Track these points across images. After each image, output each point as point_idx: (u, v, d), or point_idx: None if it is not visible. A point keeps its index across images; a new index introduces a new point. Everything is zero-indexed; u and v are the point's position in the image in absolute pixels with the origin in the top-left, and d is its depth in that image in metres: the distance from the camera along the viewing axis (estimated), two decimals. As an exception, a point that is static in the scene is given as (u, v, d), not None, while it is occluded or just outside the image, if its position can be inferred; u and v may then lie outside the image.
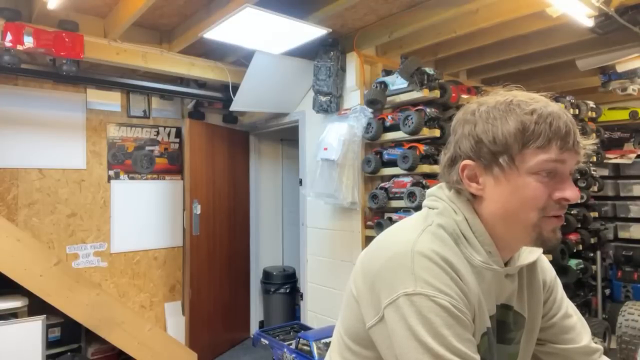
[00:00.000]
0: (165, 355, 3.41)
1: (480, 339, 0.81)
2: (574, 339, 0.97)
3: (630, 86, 3.55)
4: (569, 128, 0.76)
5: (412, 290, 0.74)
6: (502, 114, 0.79)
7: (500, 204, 0.81)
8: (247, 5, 2.40)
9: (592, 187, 3.82)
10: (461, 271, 0.78)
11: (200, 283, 4.02)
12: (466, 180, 0.84)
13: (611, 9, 2.42)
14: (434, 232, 0.82)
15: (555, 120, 0.76)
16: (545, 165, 0.76)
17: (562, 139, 0.76)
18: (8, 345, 2.76)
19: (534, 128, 0.76)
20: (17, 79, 3.50)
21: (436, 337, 0.72)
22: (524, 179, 0.78)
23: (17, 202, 3.54)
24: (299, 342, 2.99)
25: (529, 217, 0.79)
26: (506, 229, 0.83)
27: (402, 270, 0.76)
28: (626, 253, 4.33)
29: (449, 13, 2.69)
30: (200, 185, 4.07)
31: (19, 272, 2.80)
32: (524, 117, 0.77)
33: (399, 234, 0.85)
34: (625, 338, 3.03)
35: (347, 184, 3.17)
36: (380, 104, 3.10)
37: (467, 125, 0.83)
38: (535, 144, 0.76)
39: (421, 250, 0.77)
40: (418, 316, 0.73)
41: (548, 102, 0.79)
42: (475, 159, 0.82)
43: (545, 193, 0.77)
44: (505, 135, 0.78)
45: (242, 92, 3.58)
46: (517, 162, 0.78)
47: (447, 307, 0.73)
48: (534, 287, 0.95)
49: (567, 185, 0.78)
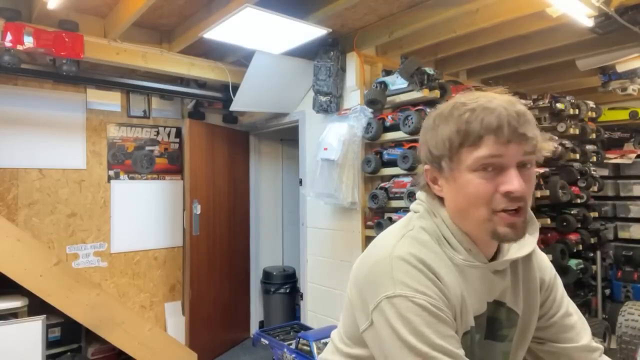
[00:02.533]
0: (165, 355, 3.40)
1: (462, 337, 0.83)
2: (574, 338, 0.97)
3: (630, 86, 3.55)
4: (501, 121, 0.76)
5: (392, 293, 0.78)
6: (443, 119, 0.83)
7: (453, 202, 0.86)
8: (247, 5, 2.40)
9: (592, 187, 3.82)
10: (440, 272, 0.81)
11: (200, 283, 4.02)
12: (430, 183, 0.90)
13: (611, 9, 2.42)
14: (413, 236, 0.86)
15: (487, 116, 0.77)
16: (482, 162, 0.78)
17: (494, 133, 0.77)
18: (8, 345, 2.76)
19: (465, 128, 0.78)
20: (17, 79, 3.50)
21: (417, 336, 0.75)
22: (465, 177, 0.81)
23: (17, 202, 3.54)
24: (299, 342, 2.99)
25: (479, 214, 0.81)
26: (465, 226, 0.85)
27: (382, 275, 0.81)
28: (626, 253, 4.33)
29: (449, 13, 2.69)
30: (200, 185, 4.07)
31: (19, 272, 2.79)
32: (458, 119, 0.80)
33: (382, 242, 0.89)
34: (625, 338, 3.03)
35: (347, 184, 3.17)
36: (380, 104, 3.10)
37: (423, 133, 0.89)
38: (468, 142, 0.79)
39: (399, 255, 0.81)
40: (399, 317, 0.76)
41: (492, 98, 0.80)
42: (430, 164, 0.88)
43: (489, 188, 0.79)
44: (443, 139, 0.82)
45: (242, 92, 3.58)
46: (456, 162, 0.81)
47: (425, 306, 0.76)
48: (530, 285, 0.95)
49: (510, 178, 0.78)
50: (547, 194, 3.16)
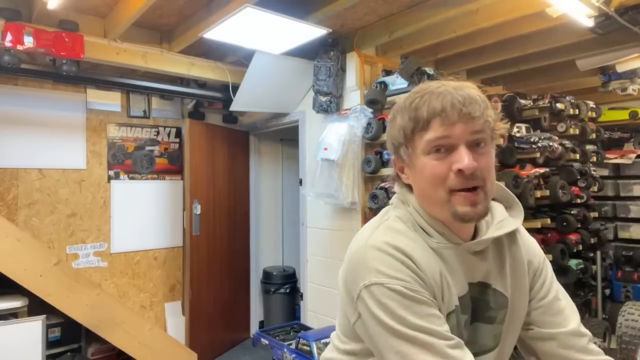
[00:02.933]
0: (165, 355, 3.40)
1: (447, 317, 0.84)
2: (562, 323, 0.96)
3: (630, 86, 3.55)
4: (445, 104, 0.81)
5: (368, 282, 0.81)
6: (399, 111, 0.88)
7: (417, 187, 0.90)
8: (247, 5, 2.40)
9: (592, 187, 3.82)
10: (414, 256, 0.83)
11: (200, 283, 4.02)
12: (399, 172, 0.95)
13: (611, 9, 2.43)
14: (388, 226, 0.89)
15: (433, 101, 0.82)
16: (432, 144, 0.83)
17: (439, 116, 0.81)
18: (8, 345, 2.76)
19: (415, 114, 0.84)
20: (17, 79, 3.50)
21: (396, 319, 0.78)
22: (421, 161, 0.85)
23: (17, 202, 3.54)
24: (299, 342, 2.99)
25: (438, 195, 0.84)
26: (431, 209, 0.89)
27: (359, 265, 0.84)
28: (626, 253, 4.33)
29: (449, 13, 2.69)
30: (200, 185, 4.07)
31: (19, 272, 2.79)
32: (409, 107, 0.85)
33: (359, 235, 0.92)
34: (625, 338, 3.03)
35: (347, 184, 3.17)
36: (380, 104, 3.10)
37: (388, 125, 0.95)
38: (418, 127, 0.84)
39: (373, 244, 0.85)
40: (377, 304, 0.80)
41: (440, 85, 0.84)
42: (394, 154, 0.94)
43: (442, 168, 0.83)
44: (399, 129, 0.88)
45: (242, 92, 3.58)
46: (411, 148, 0.87)
47: (400, 290, 0.79)
48: (517, 266, 0.96)
49: (460, 157, 0.81)
50: (547, 194, 3.16)
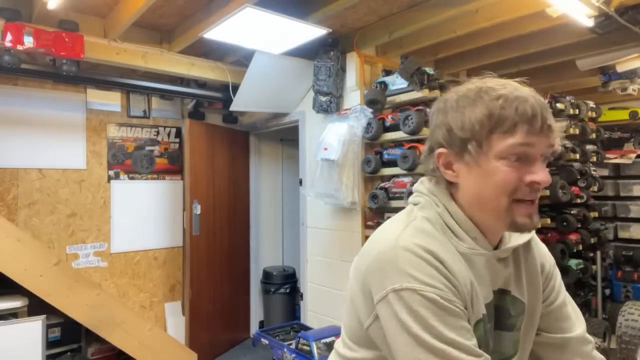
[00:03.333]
0: (165, 355, 3.40)
1: (475, 326, 0.81)
2: (569, 328, 0.96)
3: (630, 86, 3.55)
4: (535, 111, 0.77)
5: (399, 286, 0.76)
6: (471, 101, 0.80)
7: (473, 190, 0.83)
8: (247, 5, 2.40)
9: (592, 187, 3.82)
10: (447, 261, 0.79)
11: (200, 283, 4.02)
12: (442, 168, 0.86)
13: (611, 9, 2.42)
14: (416, 226, 0.83)
15: (522, 104, 0.76)
16: (513, 150, 0.77)
17: (528, 123, 0.76)
18: (8, 345, 2.76)
19: (500, 113, 0.77)
20: (17, 79, 3.50)
21: (427, 329, 0.73)
22: (493, 164, 0.79)
23: (17, 202, 3.54)
24: (299, 342, 2.99)
25: (500, 202, 0.80)
26: (482, 215, 0.84)
27: (388, 266, 0.78)
28: (626, 253, 4.33)
29: (449, 13, 2.69)
30: (200, 185, 4.07)
31: (19, 272, 2.79)
32: (490, 103, 0.78)
33: (384, 233, 0.86)
34: (625, 338, 3.03)
35: (347, 184, 3.17)
36: (380, 104, 3.10)
37: (439, 114, 0.85)
38: (502, 128, 0.77)
39: (404, 245, 0.79)
40: (408, 310, 0.75)
41: (517, 87, 0.80)
42: (448, 147, 0.84)
43: (515, 177, 0.78)
44: (472, 121, 0.79)
45: (242, 92, 3.58)
46: (485, 147, 0.79)
47: (434, 298, 0.74)
48: (532, 272, 0.95)
49: (538, 169, 0.78)
50: (547, 194, 3.16)
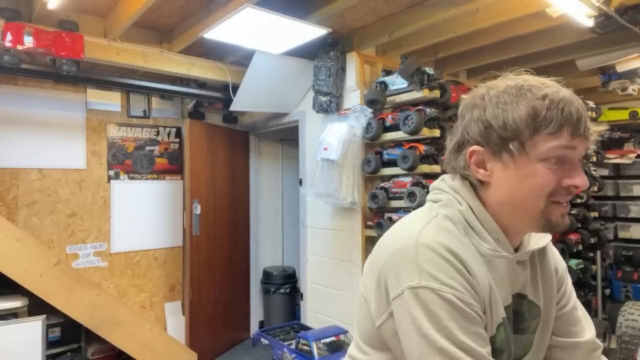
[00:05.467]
0: (165, 355, 3.40)
1: (497, 330, 0.79)
2: (579, 333, 0.96)
3: (630, 86, 3.55)
4: (580, 114, 0.75)
5: (416, 284, 0.73)
6: (513, 98, 0.77)
7: (508, 190, 0.80)
8: (247, 5, 2.40)
9: (592, 187, 3.82)
10: (468, 262, 0.76)
11: (200, 283, 4.02)
12: (473, 167, 0.82)
13: (611, 9, 2.42)
14: (439, 224, 0.80)
15: (567, 106, 0.75)
16: (556, 152, 0.75)
17: (573, 125, 0.75)
18: (8, 345, 2.76)
19: (546, 114, 0.74)
20: (17, 79, 3.50)
21: (441, 331, 0.71)
22: (533, 166, 0.76)
23: (17, 202, 3.54)
24: (299, 342, 2.99)
25: (536, 204, 0.78)
26: (513, 216, 0.81)
27: (406, 263, 0.76)
28: (626, 253, 4.34)
29: (449, 13, 2.69)
30: (200, 185, 4.07)
31: (19, 272, 2.79)
32: (535, 102, 0.75)
33: (404, 229, 0.84)
34: (625, 338, 3.03)
35: (347, 184, 3.17)
36: (380, 104, 3.10)
37: (476, 109, 0.81)
38: (547, 130, 0.75)
39: (425, 243, 0.76)
40: (423, 310, 0.72)
41: (560, 87, 0.78)
42: (484, 145, 0.80)
43: (554, 180, 0.76)
44: (516, 120, 0.76)
45: (242, 92, 3.58)
46: (527, 148, 0.76)
47: (452, 300, 0.72)
48: (547, 276, 0.93)
49: (577, 173, 0.77)
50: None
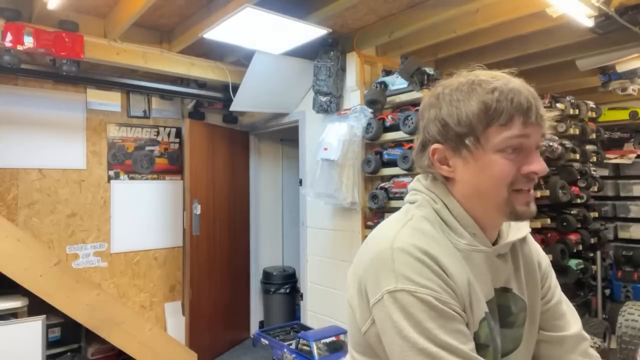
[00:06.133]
0: (165, 355, 3.40)
1: (479, 325, 0.81)
2: (565, 326, 0.97)
3: (630, 86, 3.55)
4: (530, 103, 0.77)
5: (394, 287, 0.75)
6: (465, 95, 0.80)
7: (471, 183, 0.82)
8: (247, 5, 2.40)
9: (592, 187, 3.82)
10: (444, 262, 0.78)
11: (200, 283, 4.02)
12: (437, 164, 0.85)
13: (611, 9, 2.42)
14: (413, 226, 0.82)
15: (517, 96, 0.77)
16: (511, 142, 0.77)
17: (524, 114, 0.77)
18: (8, 345, 2.76)
19: (496, 106, 0.77)
20: (17, 79, 3.50)
21: (421, 332, 0.72)
22: (490, 158, 0.79)
23: (17, 202, 3.54)
24: (299, 342, 2.99)
25: (499, 194, 0.80)
26: (480, 208, 0.83)
27: (383, 268, 0.77)
28: (626, 253, 4.34)
29: (449, 13, 2.69)
30: (200, 185, 4.07)
31: (19, 272, 2.79)
32: (485, 96, 0.78)
33: (380, 234, 0.85)
34: (625, 338, 3.03)
35: (347, 184, 3.17)
36: (380, 104, 3.10)
37: (432, 109, 0.84)
38: (499, 121, 0.77)
39: (400, 246, 0.78)
40: (402, 312, 0.74)
41: (510, 79, 0.80)
42: (443, 142, 0.83)
43: (513, 168, 0.78)
44: (469, 116, 0.78)
45: (242, 92, 3.58)
46: (482, 141, 0.79)
47: (429, 300, 0.74)
48: (530, 269, 0.95)
49: (534, 159, 0.79)
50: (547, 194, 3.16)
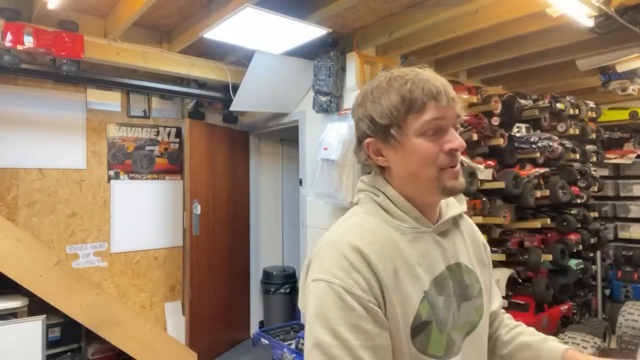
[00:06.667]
0: (165, 355, 3.40)
1: (420, 304, 0.85)
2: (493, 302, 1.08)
3: (630, 86, 3.55)
4: (439, 89, 0.86)
5: (317, 277, 0.82)
6: (384, 91, 0.89)
7: (404, 168, 0.91)
8: (247, 5, 2.40)
9: (592, 187, 3.82)
10: (370, 254, 0.83)
11: (200, 283, 4.02)
12: (373, 156, 0.94)
13: (611, 9, 2.43)
14: (353, 223, 0.91)
15: (427, 85, 0.86)
16: (429, 125, 0.86)
17: (435, 99, 0.86)
18: (8, 345, 2.76)
19: (410, 96, 0.86)
20: (17, 79, 3.50)
21: (320, 320, 0.78)
22: (414, 142, 0.87)
23: (17, 202, 3.54)
24: (299, 342, 2.99)
25: (428, 173, 0.88)
26: (416, 189, 0.91)
27: (316, 261, 0.86)
28: (626, 253, 4.34)
29: (449, 13, 2.69)
30: (200, 185, 4.07)
31: (19, 272, 2.80)
32: (400, 89, 0.87)
33: (326, 234, 0.94)
34: (625, 338, 3.03)
35: (347, 184, 3.17)
36: (380, 104, 3.09)
37: (360, 108, 0.93)
38: (415, 108, 0.86)
39: (332, 242, 0.87)
40: (314, 300, 0.81)
41: (420, 72, 0.89)
42: (374, 136, 0.91)
43: (435, 148, 0.87)
44: (390, 108, 0.87)
45: (242, 92, 3.58)
46: (405, 129, 0.87)
47: (338, 291, 0.79)
48: (476, 245, 1.04)
49: (453, 137, 0.88)
50: (547, 194, 3.16)
